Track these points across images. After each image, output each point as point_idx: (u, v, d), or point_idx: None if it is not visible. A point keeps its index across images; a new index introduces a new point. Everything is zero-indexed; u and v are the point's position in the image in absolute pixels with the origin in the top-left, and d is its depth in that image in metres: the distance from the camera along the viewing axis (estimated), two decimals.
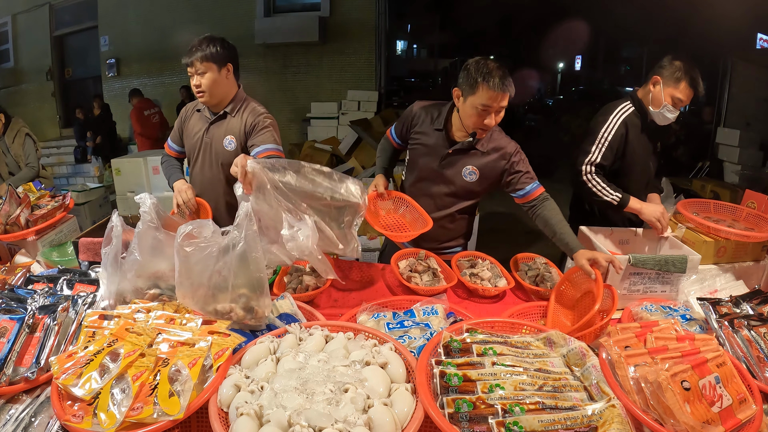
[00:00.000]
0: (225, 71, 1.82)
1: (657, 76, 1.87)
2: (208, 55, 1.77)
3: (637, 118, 1.94)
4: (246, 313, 1.19)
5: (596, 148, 1.91)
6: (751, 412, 0.94)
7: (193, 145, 1.97)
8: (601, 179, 1.89)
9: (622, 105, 1.95)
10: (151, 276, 1.29)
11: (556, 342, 1.08)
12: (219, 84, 1.82)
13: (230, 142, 1.88)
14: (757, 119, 5.66)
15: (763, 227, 1.82)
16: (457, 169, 1.78)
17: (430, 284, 1.64)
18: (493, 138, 1.77)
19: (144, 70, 7.24)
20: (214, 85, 1.81)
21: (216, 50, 1.78)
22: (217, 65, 1.79)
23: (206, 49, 1.77)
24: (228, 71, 1.84)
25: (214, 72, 1.79)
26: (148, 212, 1.27)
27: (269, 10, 6.84)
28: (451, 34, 11.73)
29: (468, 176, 1.78)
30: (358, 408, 0.87)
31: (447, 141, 1.78)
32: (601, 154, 1.90)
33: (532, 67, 10.86)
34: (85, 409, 0.91)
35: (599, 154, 1.90)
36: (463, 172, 1.78)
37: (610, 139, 1.90)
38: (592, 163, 1.91)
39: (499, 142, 1.76)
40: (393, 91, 8.68)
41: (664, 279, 1.58)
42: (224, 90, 1.86)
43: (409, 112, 1.88)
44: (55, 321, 1.14)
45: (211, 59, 1.77)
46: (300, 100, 6.96)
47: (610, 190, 1.87)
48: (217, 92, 1.84)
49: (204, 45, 1.77)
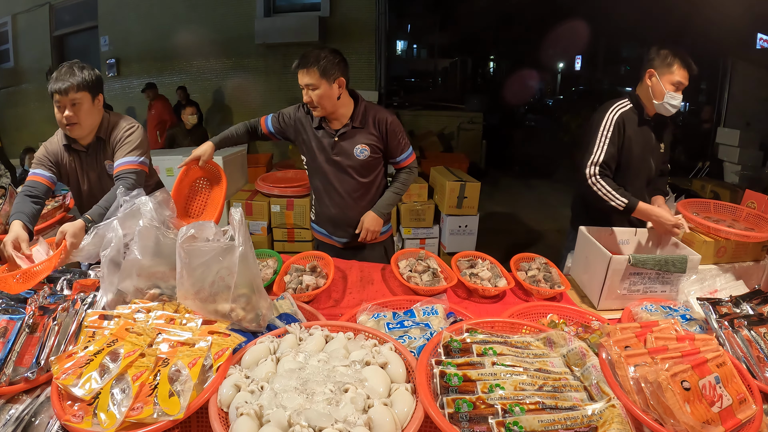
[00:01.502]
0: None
1: (650, 69, 1.89)
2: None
3: (634, 114, 1.94)
4: (246, 313, 1.19)
5: (598, 147, 1.91)
6: (751, 412, 0.94)
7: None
8: (607, 182, 1.88)
9: (619, 102, 1.97)
10: (152, 276, 1.29)
11: (556, 342, 1.08)
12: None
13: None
14: (757, 119, 5.67)
15: (763, 227, 1.82)
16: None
17: (430, 284, 1.64)
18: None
19: (144, 70, 7.23)
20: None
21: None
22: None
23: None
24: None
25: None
26: (149, 212, 1.27)
27: (269, 10, 6.83)
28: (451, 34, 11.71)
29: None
30: (358, 408, 0.87)
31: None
32: (604, 152, 1.89)
33: (532, 67, 10.86)
34: (85, 409, 0.91)
35: (602, 153, 1.90)
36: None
37: (610, 136, 1.90)
38: (596, 164, 1.89)
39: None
40: (393, 91, 8.67)
41: (664, 279, 1.58)
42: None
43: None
44: (55, 321, 1.14)
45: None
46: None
47: (617, 194, 1.85)
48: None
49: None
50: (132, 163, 1.76)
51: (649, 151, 2.00)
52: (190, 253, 1.14)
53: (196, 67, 7.30)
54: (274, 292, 1.55)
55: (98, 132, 1.81)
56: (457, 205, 3.89)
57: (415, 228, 4.01)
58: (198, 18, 6.82)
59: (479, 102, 8.88)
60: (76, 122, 1.70)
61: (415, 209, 3.95)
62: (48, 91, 1.67)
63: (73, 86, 1.64)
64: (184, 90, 6.26)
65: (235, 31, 6.84)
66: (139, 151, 1.79)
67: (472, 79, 12.84)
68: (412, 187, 3.97)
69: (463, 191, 3.84)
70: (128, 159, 1.76)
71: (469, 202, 3.90)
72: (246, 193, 4.14)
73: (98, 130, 1.81)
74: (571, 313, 1.38)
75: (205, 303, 1.17)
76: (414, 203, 3.95)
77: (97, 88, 1.73)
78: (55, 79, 1.65)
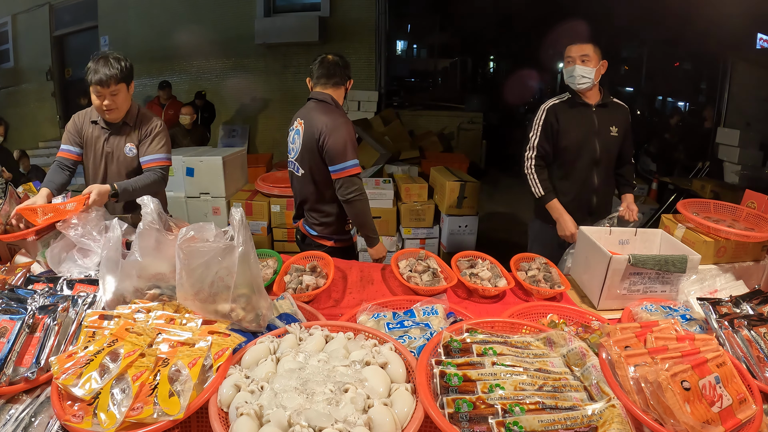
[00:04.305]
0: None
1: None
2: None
3: (566, 103, 2.17)
4: (246, 313, 1.19)
5: (532, 135, 2.19)
6: (751, 412, 0.94)
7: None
8: (538, 172, 2.16)
9: (556, 96, 2.22)
10: (152, 277, 1.29)
11: (556, 342, 1.08)
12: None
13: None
14: (757, 119, 5.66)
15: (763, 227, 1.82)
16: None
17: (430, 284, 1.64)
18: None
19: (144, 70, 7.23)
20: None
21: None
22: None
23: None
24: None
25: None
26: (150, 213, 1.27)
27: (269, 10, 6.84)
28: (451, 34, 11.70)
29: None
30: (358, 408, 0.87)
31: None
32: (537, 139, 2.16)
33: (532, 67, 10.85)
34: (85, 409, 0.91)
35: (536, 140, 2.17)
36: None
37: (541, 127, 2.16)
38: (531, 148, 2.17)
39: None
40: (393, 91, 8.68)
41: (664, 279, 1.58)
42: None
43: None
44: (55, 321, 1.14)
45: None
46: (300, 100, 6.95)
47: (540, 185, 2.14)
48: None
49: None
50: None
51: (592, 134, 2.15)
52: (189, 253, 1.14)
53: (196, 67, 7.31)
54: (274, 292, 1.54)
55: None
56: (457, 205, 3.89)
57: (415, 228, 4.01)
58: (198, 18, 6.83)
59: (479, 102, 8.87)
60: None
61: (415, 209, 3.95)
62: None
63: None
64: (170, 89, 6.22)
65: (235, 31, 6.85)
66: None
67: (472, 79, 12.82)
68: (412, 187, 3.98)
69: (463, 191, 3.85)
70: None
71: (469, 202, 3.90)
72: (246, 193, 4.15)
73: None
74: (571, 313, 1.38)
75: (205, 303, 1.17)
76: (414, 203, 3.95)
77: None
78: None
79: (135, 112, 2.03)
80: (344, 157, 1.90)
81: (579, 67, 2.06)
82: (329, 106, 2.00)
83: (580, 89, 2.12)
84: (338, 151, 1.89)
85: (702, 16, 4.67)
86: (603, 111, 2.15)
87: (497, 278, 1.70)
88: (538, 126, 2.17)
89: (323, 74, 2.01)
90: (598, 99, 2.15)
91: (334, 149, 1.90)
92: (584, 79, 2.07)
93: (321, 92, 2.02)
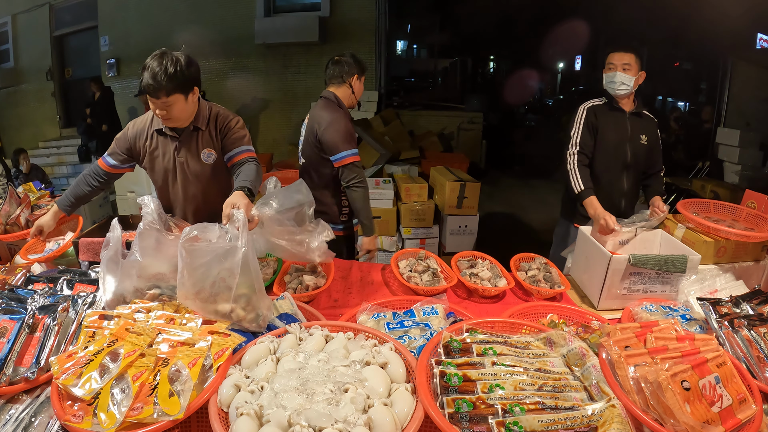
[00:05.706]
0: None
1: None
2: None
3: (605, 106, 2.21)
4: (246, 313, 1.19)
5: (574, 132, 2.19)
6: (751, 412, 0.94)
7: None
8: (580, 168, 2.12)
9: (591, 100, 2.25)
10: (152, 277, 1.29)
11: (556, 342, 1.08)
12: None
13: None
14: (757, 119, 5.66)
15: (763, 227, 1.82)
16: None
17: (430, 284, 1.64)
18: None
19: None
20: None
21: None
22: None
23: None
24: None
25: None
26: (150, 214, 1.27)
27: (269, 10, 6.83)
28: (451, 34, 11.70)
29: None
30: (358, 408, 0.87)
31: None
32: (579, 136, 2.17)
33: (532, 67, 10.85)
34: (85, 409, 0.91)
35: (578, 137, 2.17)
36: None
37: (583, 124, 2.18)
38: (575, 144, 2.16)
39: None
40: (393, 91, 8.66)
41: (664, 279, 1.58)
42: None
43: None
44: (55, 321, 1.14)
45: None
46: (300, 100, 6.96)
47: (581, 181, 2.08)
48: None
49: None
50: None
51: (623, 141, 2.19)
52: (191, 253, 1.14)
53: None
54: (274, 292, 1.55)
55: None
56: (457, 205, 3.89)
57: (415, 228, 4.01)
58: (198, 18, 6.82)
59: (479, 102, 8.87)
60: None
61: (415, 209, 3.94)
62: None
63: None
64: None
65: (235, 31, 6.84)
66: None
67: (472, 79, 12.82)
68: (412, 187, 3.98)
69: (463, 191, 3.84)
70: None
71: (469, 202, 3.89)
72: None
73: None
74: (571, 313, 1.38)
75: (206, 303, 1.17)
76: (414, 203, 3.95)
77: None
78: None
79: (207, 113, 1.78)
80: (342, 147, 2.04)
81: (620, 74, 2.12)
82: (331, 103, 2.15)
83: (618, 95, 2.17)
84: (335, 142, 2.04)
85: (702, 16, 4.67)
86: (636, 119, 2.21)
87: (497, 278, 1.70)
88: (579, 123, 2.19)
89: (329, 74, 2.20)
90: (633, 107, 2.21)
91: (331, 140, 2.05)
92: (624, 86, 2.13)
93: (327, 91, 2.20)
